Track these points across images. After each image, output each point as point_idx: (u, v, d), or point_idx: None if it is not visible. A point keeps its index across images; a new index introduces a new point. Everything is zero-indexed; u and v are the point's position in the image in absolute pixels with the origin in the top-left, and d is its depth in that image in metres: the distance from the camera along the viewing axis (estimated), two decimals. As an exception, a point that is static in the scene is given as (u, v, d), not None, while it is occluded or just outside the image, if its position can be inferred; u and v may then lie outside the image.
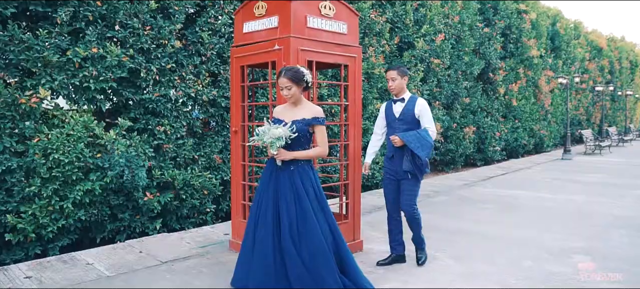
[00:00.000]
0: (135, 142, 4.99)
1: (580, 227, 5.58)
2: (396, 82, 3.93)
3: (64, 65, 4.47)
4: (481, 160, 12.05)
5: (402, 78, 3.94)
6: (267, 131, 3.21)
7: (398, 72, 3.93)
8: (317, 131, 3.37)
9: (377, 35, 8.08)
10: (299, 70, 3.33)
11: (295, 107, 3.42)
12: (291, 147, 3.30)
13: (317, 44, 4.19)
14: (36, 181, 4.37)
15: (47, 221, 4.47)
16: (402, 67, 3.99)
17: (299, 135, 3.29)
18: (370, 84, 7.88)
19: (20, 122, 4.31)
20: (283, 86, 3.30)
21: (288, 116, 3.40)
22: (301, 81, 3.33)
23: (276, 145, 3.19)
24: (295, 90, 3.31)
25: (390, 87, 3.96)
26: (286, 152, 3.28)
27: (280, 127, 3.23)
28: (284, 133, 3.20)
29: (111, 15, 4.72)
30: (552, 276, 3.92)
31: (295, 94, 3.32)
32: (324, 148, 3.38)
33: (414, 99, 3.94)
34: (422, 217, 4.23)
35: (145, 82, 5.05)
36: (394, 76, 3.94)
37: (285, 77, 3.28)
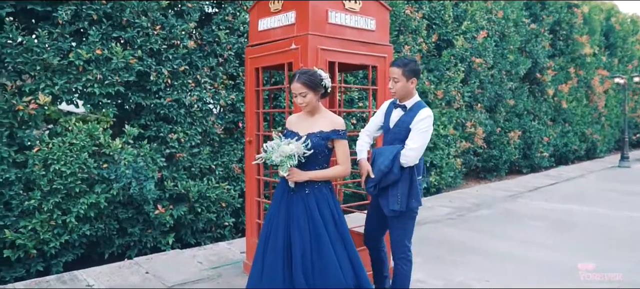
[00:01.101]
0: (145, 151, 4.60)
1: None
2: (398, 84, 3.00)
3: (66, 68, 4.12)
4: (527, 167, 11.16)
5: (408, 80, 3.00)
6: (276, 147, 2.70)
7: (403, 72, 2.98)
8: (337, 146, 2.84)
9: (413, 32, 7.45)
10: (315, 74, 2.81)
11: (311, 117, 2.90)
12: (306, 165, 2.79)
13: (340, 43, 3.64)
14: (36, 193, 4.04)
15: (49, 236, 4.14)
16: (410, 64, 3.02)
17: (315, 151, 2.77)
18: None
19: (19, 130, 3.99)
20: (297, 92, 2.78)
21: (303, 127, 2.88)
22: (318, 86, 2.80)
23: (287, 165, 2.67)
24: (312, 97, 2.79)
25: (391, 89, 3.07)
26: (300, 172, 2.76)
27: (292, 143, 2.71)
28: (296, 150, 2.68)
29: (117, 14, 4.34)
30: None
31: (312, 102, 2.80)
32: (345, 167, 2.84)
33: (417, 108, 3.03)
34: (459, 234, 3.54)
35: (155, 86, 4.65)
36: (396, 75, 3.00)
37: (299, 82, 2.76)
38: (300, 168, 2.78)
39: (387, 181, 3.00)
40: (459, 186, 9.11)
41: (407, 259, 3.13)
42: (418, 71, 3.10)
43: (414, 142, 2.96)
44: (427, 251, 4.84)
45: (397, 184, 2.97)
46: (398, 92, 3.08)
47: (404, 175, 2.98)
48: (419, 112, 3.03)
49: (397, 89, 3.06)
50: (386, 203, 3.05)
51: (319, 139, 2.78)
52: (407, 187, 2.99)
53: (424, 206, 7.27)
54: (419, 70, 3.13)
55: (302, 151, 2.70)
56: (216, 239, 5.39)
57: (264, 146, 2.74)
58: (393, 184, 2.98)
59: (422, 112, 3.03)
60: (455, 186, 8.98)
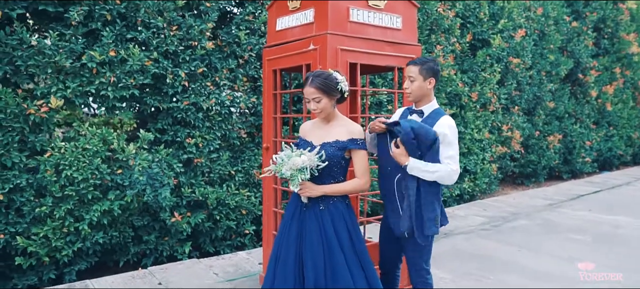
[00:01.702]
0: (161, 157, 4.43)
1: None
2: (415, 83, 2.69)
3: (79, 71, 3.98)
4: (567, 173, 10.52)
5: (426, 80, 2.69)
6: (286, 159, 2.43)
7: (420, 70, 2.68)
8: (355, 157, 2.55)
9: (445, 32, 7.05)
10: (330, 77, 2.53)
11: (327, 124, 2.62)
12: (320, 178, 2.52)
13: (362, 43, 3.35)
14: (48, 200, 3.92)
15: (61, 244, 4.01)
16: (428, 63, 2.71)
17: (330, 163, 2.49)
18: (438, 88, 6.87)
19: (31, 134, 3.88)
20: (309, 97, 2.51)
21: (317, 136, 2.61)
22: (333, 91, 2.52)
23: (298, 179, 2.40)
24: (326, 102, 2.51)
25: (405, 90, 2.78)
26: (313, 186, 2.50)
27: (304, 154, 2.44)
28: (309, 162, 2.41)
29: (132, 14, 4.18)
30: None
31: (326, 108, 2.53)
32: (363, 180, 2.55)
33: (437, 115, 2.71)
34: (493, 248, 3.20)
35: (172, 89, 4.47)
36: (412, 74, 2.70)
37: (312, 86, 2.49)
38: (314, 181, 2.51)
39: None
40: (494, 193, 8.64)
41: (427, 283, 2.79)
42: (437, 72, 2.77)
43: (451, 158, 2.61)
44: (456, 266, 4.48)
45: (415, 202, 2.63)
46: (414, 93, 2.74)
47: (424, 193, 2.64)
48: (441, 121, 2.68)
49: (413, 89, 2.73)
50: (396, 222, 2.73)
51: (334, 149, 2.51)
52: (426, 209, 2.63)
53: (456, 214, 6.89)
54: (439, 71, 2.80)
55: (316, 163, 2.43)
56: (237, 248, 5.18)
57: (274, 157, 2.49)
58: (409, 202, 2.63)
59: (445, 120, 2.69)
60: (490, 193, 8.51)
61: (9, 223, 3.87)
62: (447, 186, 7.17)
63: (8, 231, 3.85)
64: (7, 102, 3.68)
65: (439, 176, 2.57)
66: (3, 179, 3.77)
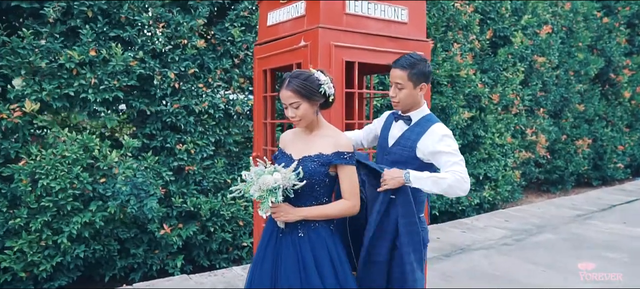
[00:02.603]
0: (149, 164, 4.10)
1: None
2: (403, 92, 2.26)
3: (56, 72, 3.68)
4: (598, 179, 9.83)
5: (416, 87, 2.26)
6: (255, 177, 2.04)
7: (409, 75, 2.23)
8: (341, 174, 2.13)
9: (463, 28, 6.56)
10: (310, 77, 2.12)
11: (309, 134, 2.22)
12: (300, 198, 2.12)
13: (360, 38, 2.93)
14: (23, 211, 3.63)
15: (38, 259, 3.72)
16: (418, 65, 2.25)
17: (311, 181, 2.09)
18: (455, 89, 6.39)
19: (5, 141, 3.59)
20: (287, 103, 2.11)
21: (297, 149, 2.21)
22: (315, 94, 2.11)
23: (268, 202, 2.00)
24: (306, 108, 2.10)
25: (392, 98, 2.32)
26: (289, 208, 2.10)
27: (278, 171, 2.04)
28: (282, 181, 2.00)
29: (115, 11, 3.86)
30: None
31: (307, 115, 2.12)
32: (352, 202, 2.13)
33: (427, 123, 2.28)
34: (515, 267, 2.81)
35: (160, 91, 4.13)
36: (400, 80, 2.25)
37: (289, 89, 2.09)
38: (293, 203, 2.12)
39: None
40: (517, 202, 8.07)
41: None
42: (429, 74, 2.33)
43: (459, 166, 2.15)
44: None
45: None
46: (402, 102, 2.31)
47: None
48: (431, 130, 2.25)
49: (402, 99, 2.30)
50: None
51: (316, 165, 2.10)
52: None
53: (475, 226, 6.39)
54: (430, 73, 2.35)
55: (291, 181, 2.02)
56: (234, 261, 4.83)
57: (243, 174, 2.09)
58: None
59: (437, 128, 2.26)
60: (513, 202, 7.95)
61: (-20, 236, 3.59)
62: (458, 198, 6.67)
63: (-21, 245, 3.58)
64: (-24, 106, 3.41)
65: (448, 184, 2.12)
66: (-27, 189, 3.50)
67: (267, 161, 2.13)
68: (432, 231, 6.12)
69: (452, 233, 5.96)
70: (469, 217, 6.87)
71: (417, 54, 2.33)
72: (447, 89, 6.20)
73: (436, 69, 6.11)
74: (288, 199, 2.08)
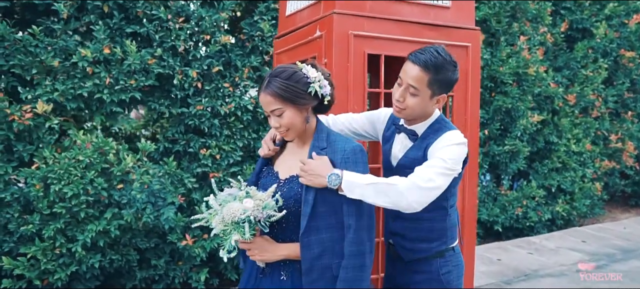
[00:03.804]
0: (170, 170, 3.81)
1: None
2: (415, 100, 1.70)
3: (70, 70, 3.47)
4: (699, 194, 8.42)
5: (434, 97, 1.71)
6: (220, 206, 1.59)
7: (432, 80, 1.67)
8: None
9: (532, 20, 5.74)
10: (295, 75, 1.64)
11: (303, 146, 1.75)
12: (285, 231, 1.67)
13: (389, 26, 2.41)
14: (35, 217, 3.45)
15: (53, 267, 3.53)
16: (443, 69, 1.67)
17: (297, 210, 1.63)
18: (522, 89, 5.60)
19: (18, 143, 3.43)
20: (267, 110, 1.65)
21: (287, 164, 1.76)
22: (301, 97, 1.63)
23: (230, 240, 1.55)
24: (292, 116, 1.63)
25: (397, 102, 1.75)
26: (268, 244, 1.65)
27: (252, 195, 1.59)
28: (254, 212, 1.54)
29: (131, 5, 3.59)
30: None
31: (294, 124, 1.64)
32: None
33: (437, 133, 1.75)
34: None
35: (181, 92, 3.83)
36: (415, 81, 1.68)
37: (268, 93, 1.63)
38: (275, 237, 1.66)
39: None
40: (598, 218, 7.03)
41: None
42: (453, 84, 1.74)
43: (426, 171, 1.61)
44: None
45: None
46: (409, 111, 1.74)
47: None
48: (443, 137, 1.71)
49: (410, 107, 1.72)
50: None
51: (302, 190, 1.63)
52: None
53: (544, 246, 5.55)
54: (455, 83, 1.75)
55: (267, 211, 1.56)
56: (265, 275, 4.43)
57: (210, 200, 1.65)
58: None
59: (450, 136, 1.71)
60: (592, 218, 6.93)
61: (-5, 241, 3.47)
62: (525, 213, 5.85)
63: (-6, 250, 3.45)
64: (-11, 107, 3.26)
65: (399, 191, 1.57)
66: (-14, 193, 3.37)
67: (242, 181, 1.68)
68: (491, 249, 5.40)
69: (516, 254, 5.19)
70: (538, 235, 6.03)
71: (447, 53, 1.73)
72: (512, 89, 5.43)
73: (499, 66, 5.36)
74: (272, 230, 1.63)
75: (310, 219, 1.61)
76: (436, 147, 1.68)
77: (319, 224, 1.62)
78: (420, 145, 1.76)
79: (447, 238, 1.79)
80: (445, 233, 1.80)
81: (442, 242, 1.80)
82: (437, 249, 1.80)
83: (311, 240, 1.60)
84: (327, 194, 1.62)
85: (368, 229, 1.65)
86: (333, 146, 1.69)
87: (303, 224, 1.60)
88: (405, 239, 1.81)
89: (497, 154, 5.59)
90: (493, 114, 5.52)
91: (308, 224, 1.60)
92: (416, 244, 1.80)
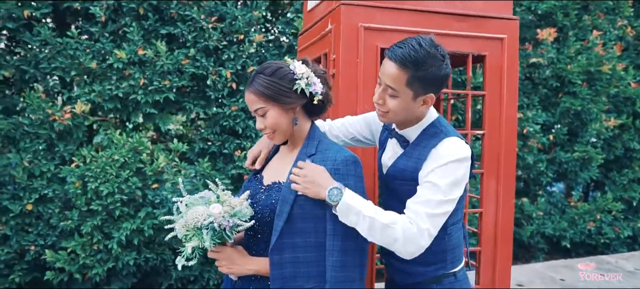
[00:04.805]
0: (203, 170, 3.80)
1: None
2: (395, 102, 1.46)
3: (106, 72, 3.56)
4: None
5: (417, 98, 1.45)
6: (186, 208, 1.46)
7: (410, 79, 1.41)
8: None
9: (608, 11, 5.10)
10: (279, 71, 1.50)
11: (291, 151, 1.60)
12: (260, 242, 1.53)
13: (403, 16, 2.16)
14: (74, 213, 3.58)
15: (91, 262, 3.65)
16: (426, 64, 1.40)
17: (272, 220, 1.47)
18: (595, 89, 4.99)
19: (60, 142, 3.58)
20: (252, 109, 1.51)
21: (272, 169, 1.62)
22: (286, 95, 1.48)
23: (187, 251, 1.41)
24: (277, 116, 1.48)
25: (377, 106, 1.52)
26: (236, 256, 1.52)
27: (223, 200, 1.45)
28: (219, 218, 1.39)
29: (165, 6, 3.61)
30: None
31: (279, 125, 1.50)
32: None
33: (431, 140, 1.48)
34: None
35: (215, 93, 3.80)
36: (392, 81, 1.43)
37: (251, 91, 1.49)
38: (249, 248, 1.51)
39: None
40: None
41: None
42: (443, 80, 1.46)
43: (422, 212, 1.39)
44: None
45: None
46: (392, 115, 1.50)
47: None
48: (436, 150, 1.45)
49: (392, 110, 1.48)
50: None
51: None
52: None
53: (621, 268, 4.90)
54: (446, 78, 1.47)
55: (235, 221, 1.41)
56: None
57: (179, 201, 1.52)
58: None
59: (447, 149, 1.44)
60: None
61: (39, 234, 3.64)
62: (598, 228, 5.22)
63: (38, 243, 3.62)
64: (33, 108, 3.42)
65: (394, 238, 1.38)
66: (31, 188, 3.54)
67: (219, 184, 1.54)
68: (555, 267, 4.86)
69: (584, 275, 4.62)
70: (614, 254, 5.36)
71: (433, 43, 1.45)
72: (582, 90, 4.86)
73: (567, 64, 4.82)
74: (248, 240, 1.49)
75: (286, 234, 1.43)
76: (429, 166, 1.43)
77: (296, 242, 1.44)
78: (412, 153, 1.51)
79: (446, 261, 1.53)
80: (444, 255, 1.54)
81: (440, 266, 1.54)
82: (433, 274, 1.54)
83: (284, 258, 1.43)
84: (309, 207, 1.44)
85: (357, 252, 1.45)
86: (324, 153, 1.50)
87: (273, 239, 1.43)
88: (399, 261, 1.58)
89: (565, 162, 5.02)
90: (560, 117, 4.98)
91: (280, 240, 1.43)
92: (409, 266, 1.56)
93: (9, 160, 3.47)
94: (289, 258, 1.42)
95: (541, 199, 5.02)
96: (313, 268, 1.44)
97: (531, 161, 4.78)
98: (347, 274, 1.42)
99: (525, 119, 4.70)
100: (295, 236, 1.43)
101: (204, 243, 1.36)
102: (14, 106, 3.59)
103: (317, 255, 1.44)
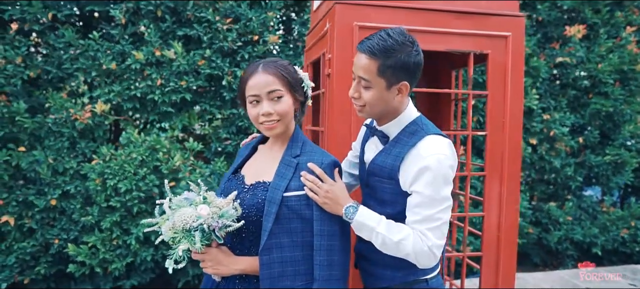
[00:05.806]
0: (219, 169, 3.86)
1: None
2: (369, 93, 1.44)
3: (124, 73, 3.67)
4: None
5: (391, 87, 1.43)
6: (172, 211, 1.46)
7: (379, 68, 1.40)
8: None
9: (644, 7, 4.85)
10: (290, 66, 1.58)
11: (280, 148, 1.61)
12: (244, 242, 1.54)
13: (401, 15, 2.13)
14: (94, 209, 3.72)
15: (110, 256, 3.78)
16: (397, 52, 1.38)
17: (259, 220, 1.48)
18: (628, 89, 4.75)
19: (82, 140, 3.72)
20: (262, 92, 1.51)
21: (253, 168, 1.63)
22: (298, 88, 1.57)
23: (178, 252, 1.43)
24: (289, 105, 1.56)
25: (354, 100, 1.51)
26: (223, 256, 1.51)
27: (209, 201, 1.46)
28: (208, 220, 1.40)
29: (181, 8, 3.70)
30: None
31: (288, 115, 1.55)
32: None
33: (410, 138, 1.46)
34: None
35: (231, 93, 3.85)
36: (364, 72, 1.42)
37: (269, 72, 1.51)
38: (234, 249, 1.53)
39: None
40: None
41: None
42: (415, 68, 1.43)
43: (429, 226, 1.39)
44: None
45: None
46: (369, 108, 1.49)
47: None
48: (416, 149, 1.42)
49: (368, 102, 1.47)
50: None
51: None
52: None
53: None
54: (418, 66, 1.44)
55: (224, 221, 1.42)
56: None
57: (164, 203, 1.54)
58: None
59: (426, 148, 1.42)
60: None
61: (63, 228, 3.80)
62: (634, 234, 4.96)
63: (62, 237, 3.78)
64: (56, 107, 3.58)
65: (406, 253, 1.41)
66: (54, 184, 3.70)
67: (201, 185, 1.56)
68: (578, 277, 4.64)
69: (612, 284, 4.40)
70: None
71: (402, 33, 1.43)
72: (614, 90, 4.63)
73: (597, 63, 4.60)
74: (233, 241, 1.51)
75: (273, 235, 1.44)
76: (410, 170, 1.42)
77: (282, 242, 1.45)
78: (391, 150, 1.49)
79: (417, 267, 1.49)
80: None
81: (410, 272, 1.50)
82: (403, 279, 1.50)
83: (272, 258, 1.44)
84: (297, 208, 1.45)
85: (342, 251, 1.48)
86: (310, 156, 1.51)
87: (263, 240, 1.44)
88: (369, 263, 1.55)
89: (596, 166, 4.80)
90: (590, 118, 4.76)
91: (269, 241, 1.43)
92: (379, 269, 1.53)
93: (34, 157, 3.64)
94: (276, 257, 1.43)
95: (569, 204, 4.81)
96: (300, 266, 1.45)
97: (558, 165, 4.60)
98: (332, 273, 1.44)
99: (552, 121, 4.52)
100: (283, 236, 1.44)
101: (194, 245, 1.38)
102: (41, 106, 3.76)
103: (304, 253, 1.45)
